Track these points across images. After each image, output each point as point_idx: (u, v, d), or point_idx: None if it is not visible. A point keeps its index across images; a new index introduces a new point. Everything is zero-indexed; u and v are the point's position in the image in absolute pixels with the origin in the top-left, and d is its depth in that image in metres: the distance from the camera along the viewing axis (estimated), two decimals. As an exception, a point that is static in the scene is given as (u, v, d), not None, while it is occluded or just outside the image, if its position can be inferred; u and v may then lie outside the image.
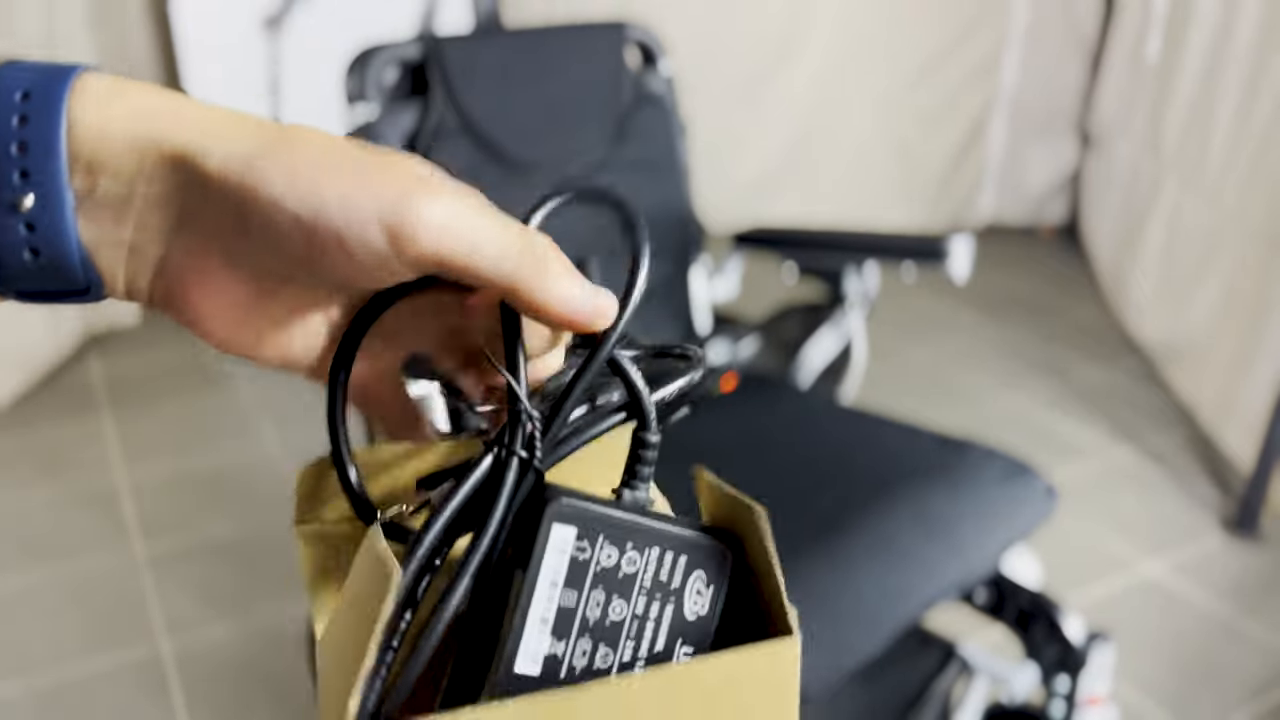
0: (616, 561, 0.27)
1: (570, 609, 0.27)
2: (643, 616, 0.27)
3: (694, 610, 0.28)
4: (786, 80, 3.18)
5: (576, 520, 0.27)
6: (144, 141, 0.26)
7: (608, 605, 0.27)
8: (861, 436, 1.10)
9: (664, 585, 0.27)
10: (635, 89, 1.26)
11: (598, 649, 0.27)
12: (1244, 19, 2.13)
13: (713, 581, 0.28)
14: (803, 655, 0.28)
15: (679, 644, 0.28)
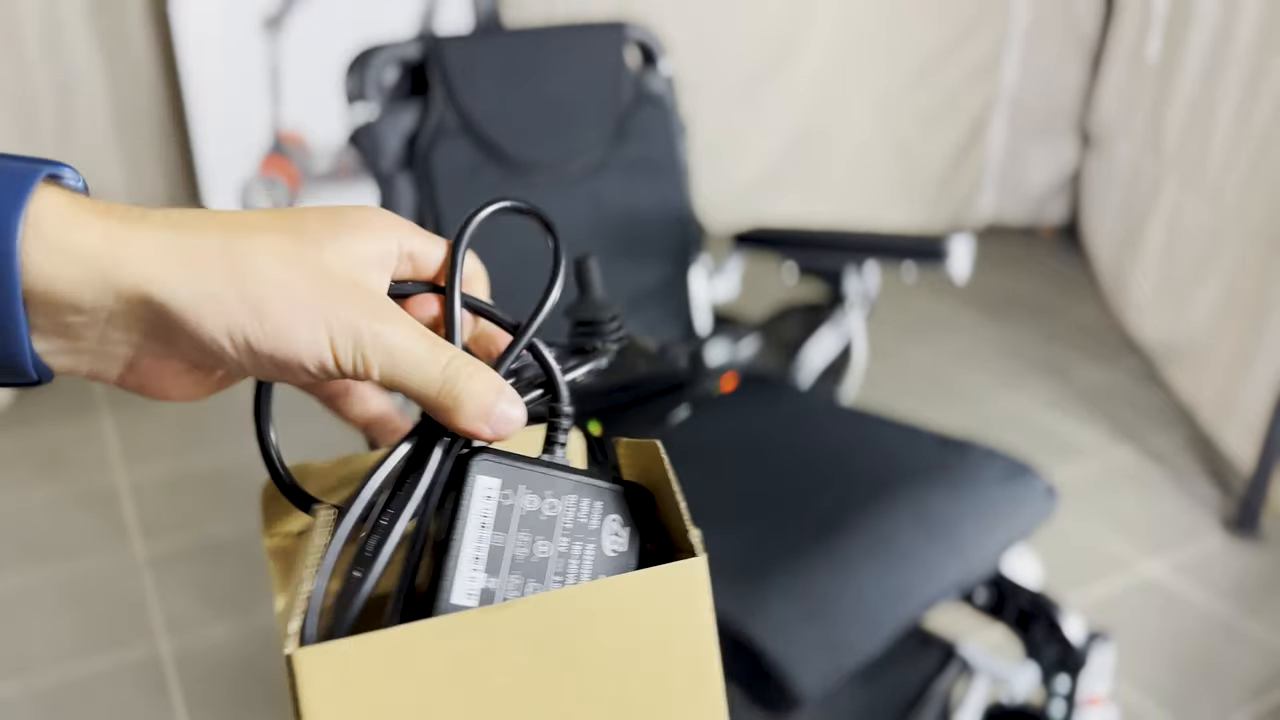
0: (538, 507, 0.30)
1: (500, 548, 0.30)
2: (566, 554, 0.31)
3: (613, 548, 0.31)
4: (786, 80, 3.18)
5: (499, 472, 0.30)
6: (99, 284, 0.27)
7: (533, 545, 0.30)
8: (861, 436, 1.10)
9: (583, 527, 0.31)
10: (635, 89, 1.26)
11: (527, 583, 0.30)
12: (1244, 19, 2.13)
13: (628, 523, 0.32)
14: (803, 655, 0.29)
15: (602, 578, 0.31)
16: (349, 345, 0.28)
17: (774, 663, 0.78)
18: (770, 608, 0.82)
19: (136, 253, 0.27)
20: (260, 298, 0.27)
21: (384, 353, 0.29)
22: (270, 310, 0.28)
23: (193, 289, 0.27)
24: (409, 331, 0.29)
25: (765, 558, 0.88)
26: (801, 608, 0.83)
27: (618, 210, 1.23)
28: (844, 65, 3.19)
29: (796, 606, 0.83)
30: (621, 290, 1.23)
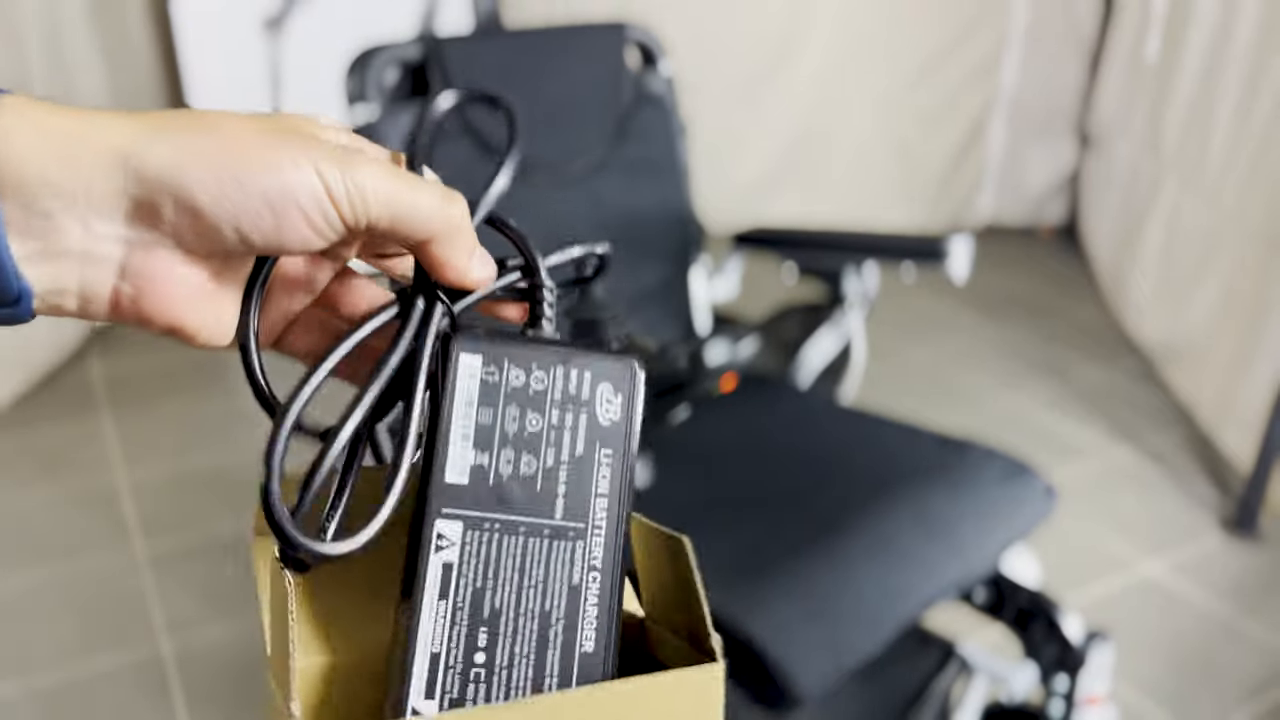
0: (525, 381, 0.30)
1: (489, 425, 0.29)
2: (559, 426, 0.30)
3: (607, 417, 0.30)
4: (786, 80, 3.18)
5: (481, 348, 0.30)
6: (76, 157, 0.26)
7: (524, 419, 0.30)
8: (861, 436, 1.10)
9: (574, 397, 0.30)
10: (635, 89, 1.26)
11: (521, 457, 0.30)
12: (1243, 19, 2.13)
13: (620, 389, 0.30)
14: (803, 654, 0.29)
15: (598, 447, 0.30)
16: (338, 178, 0.27)
17: (774, 662, 0.78)
18: (770, 607, 0.82)
19: (109, 125, 0.26)
20: (238, 140, 0.27)
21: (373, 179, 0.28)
22: (250, 148, 0.27)
23: (170, 143, 0.26)
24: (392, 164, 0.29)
25: (765, 557, 0.88)
26: (801, 607, 0.83)
27: (618, 210, 1.24)
28: (844, 65, 3.19)
29: (796, 606, 0.83)
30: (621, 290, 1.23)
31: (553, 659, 0.29)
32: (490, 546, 0.29)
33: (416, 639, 0.29)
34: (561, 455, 0.30)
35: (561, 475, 0.30)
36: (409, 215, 0.29)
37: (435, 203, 0.29)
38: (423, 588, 0.29)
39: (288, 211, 0.27)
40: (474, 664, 0.29)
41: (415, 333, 0.30)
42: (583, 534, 0.30)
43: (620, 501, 0.30)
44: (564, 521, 0.30)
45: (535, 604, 0.29)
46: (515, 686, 0.29)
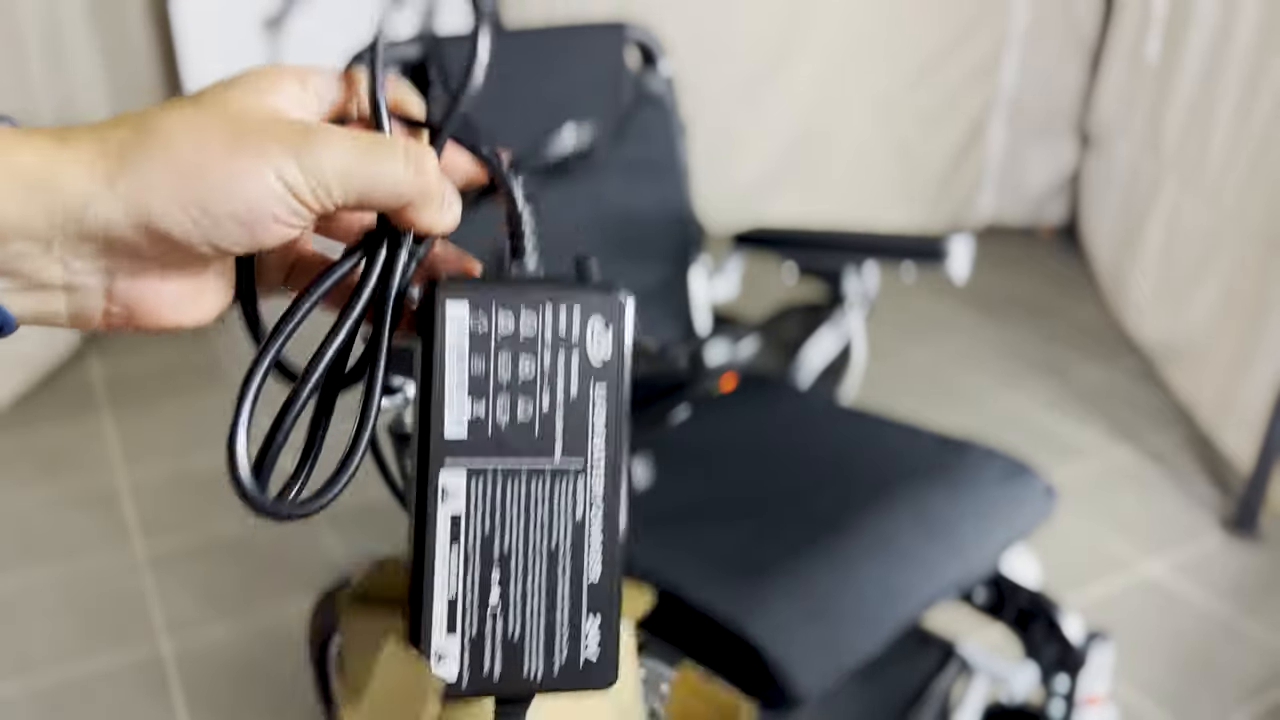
0: (514, 326, 0.30)
1: (481, 375, 0.30)
2: (551, 369, 0.30)
3: (599, 355, 0.30)
4: (786, 80, 3.18)
5: (466, 294, 0.30)
6: (45, 207, 0.26)
7: (516, 366, 0.30)
8: (861, 436, 1.10)
9: (564, 338, 0.30)
10: (635, 89, 1.26)
11: (516, 404, 0.30)
12: (1243, 20, 2.13)
13: (610, 323, 0.31)
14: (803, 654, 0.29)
15: (591, 385, 0.30)
16: (296, 172, 0.27)
17: (774, 662, 0.78)
18: (770, 607, 0.82)
19: (71, 163, 0.26)
20: (192, 162, 0.26)
21: (333, 159, 0.27)
22: (207, 167, 0.26)
23: (129, 180, 0.26)
24: (348, 134, 0.28)
25: (765, 557, 0.88)
26: (801, 607, 0.83)
27: (618, 210, 1.24)
28: (844, 65, 3.19)
29: (796, 606, 0.83)
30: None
31: (563, 591, 0.30)
32: (494, 493, 0.30)
33: (433, 587, 0.30)
34: (557, 397, 0.30)
35: (558, 417, 0.30)
36: (375, 190, 0.29)
37: (400, 172, 0.29)
38: (433, 539, 0.30)
39: (257, 221, 0.27)
40: (489, 604, 0.30)
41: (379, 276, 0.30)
42: (583, 471, 0.30)
43: (617, 434, 0.30)
44: (564, 462, 0.30)
45: (542, 543, 0.30)
46: (529, 619, 0.30)
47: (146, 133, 0.27)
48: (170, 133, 0.27)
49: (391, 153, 0.29)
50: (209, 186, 0.27)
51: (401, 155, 0.29)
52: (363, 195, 0.28)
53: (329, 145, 0.28)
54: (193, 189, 0.26)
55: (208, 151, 0.27)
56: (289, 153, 0.27)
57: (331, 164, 0.27)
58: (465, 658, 0.30)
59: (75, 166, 0.26)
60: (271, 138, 0.27)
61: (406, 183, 0.29)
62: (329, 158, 0.27)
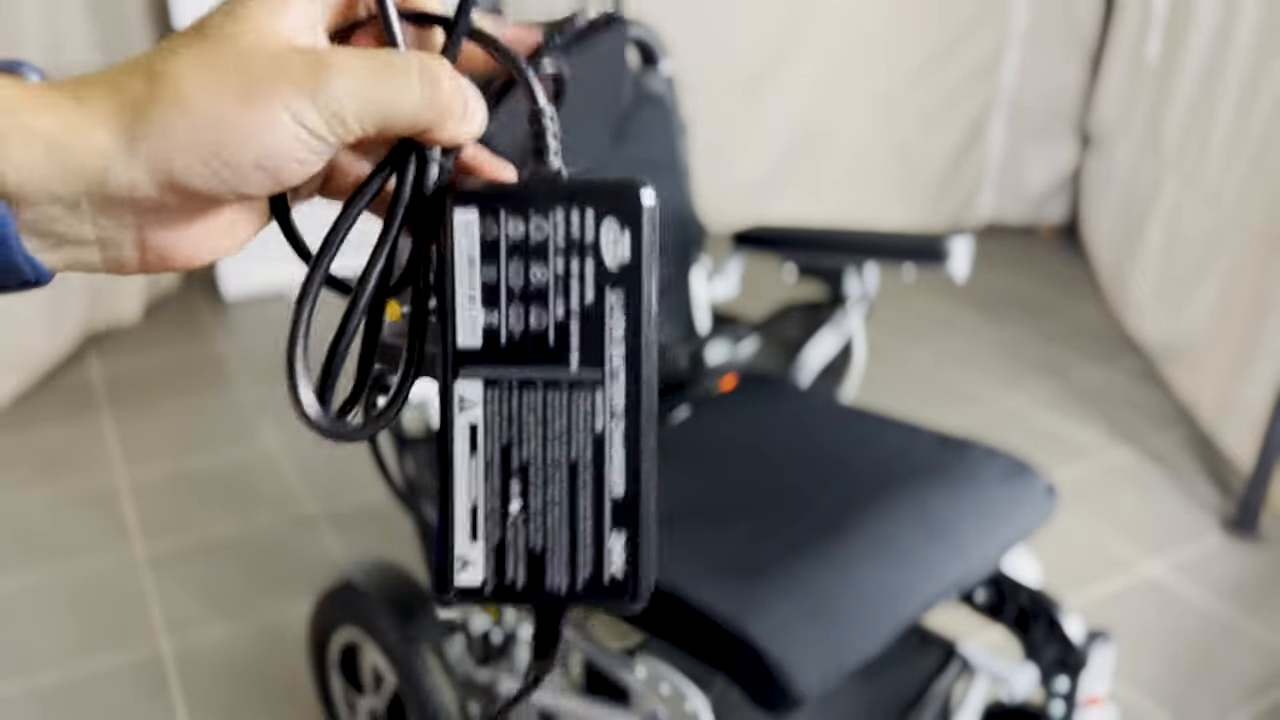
0: (524, 231, 0.29)
1: (493, 283, 0.29)
2: (565, 275, 0.29)
3: (616, 258, 0.29)
4: (786, 80, 3.18)
5: (475, 201, 0.29)
6: (67, 174, 0.26)
7: (528, 272, 0.29)
8: (861, 436, 1.10)
9: (578, 242, 0.29)
10: (635, 89, 1.26)
11: (530, 311, 0.29)
12: (1244, 20, 2.13)
13: (627, 224, 0.29)
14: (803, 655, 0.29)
15: (608, 291, 0.29)
16: (309, 109, 0.27)
17: (774, 663, 0.78)
18: (770, 607, 0.82)
19: (90, 128, 0.26)
20: (208, 117, 0.26)
21: (348, 92, 0.27)
22: (223, 121, 0.26)
23: (149, 142, 0.26)
24: (360, 60, 0.28)
25: (765, 557, 0.88)
26: (801, 607, 0.83)
27: (618, 210, 1.23)
28: (844, 65, 3.19)
29: (796, 606, 0.83)
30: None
31: (584, 505, 0.30)
32: (511, 403, 0.30)
33: (455, 494, 0.30)
34: (571, 305, 0.29)
35: (574, 326, 0.29)
36: (392, 118, 0.28)
37: (417, 96, 0.28)
38: (453, 447, 0.30)
39: (279, 165, 0.27)
40: (509, 512, 0.30)
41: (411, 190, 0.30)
42: (601, 382, 0.30)
43: (641, 345, 0.30)
44: (580, 372, 0.29)
45: (561, 454, 0.30)
46: (552, 532, 0.30)
47: (159, 85, 0.26)
48: (183, 85, 0.26)
49: (405, 77, 0.28)
50: (227, 140, 0.26)
51: (416, 77, 0.28)
52: (381, 124, 0.28)
53: (342, 77, 0.27)
54: (211, 144, 0.26)
55: (222, 103, 0.26)
56: (303, 93, 0.27)
57: (347, 97, 0.27)
58: (489, 566, 0.30)
59: (93, 130, 0.26)
60: (284, 78, 0.27)
61: (423, 106, 0.28)
62: (343, 91, 0.27)
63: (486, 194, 0.29)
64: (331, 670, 1.24)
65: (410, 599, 1.09)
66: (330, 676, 1.24)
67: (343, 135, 0.28)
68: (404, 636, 1.05)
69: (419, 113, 0.28)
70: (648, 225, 0.29)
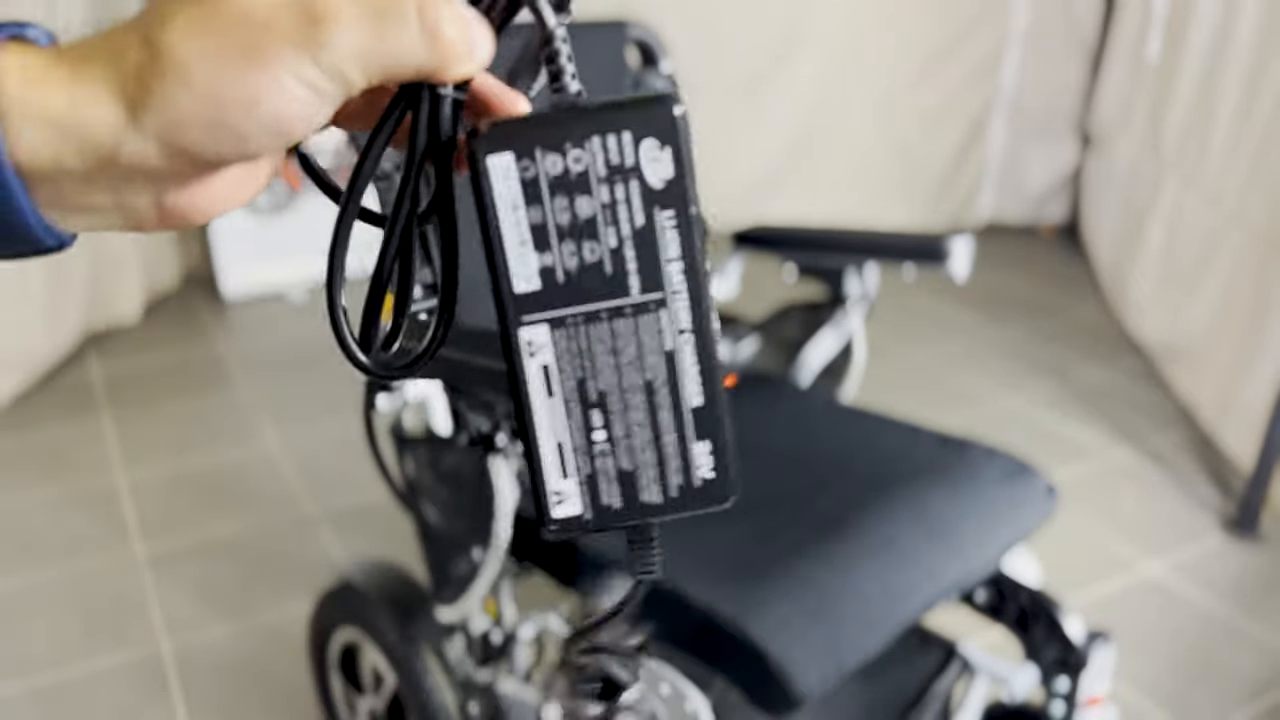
0: (564, 165, 0.28)
1: (541, 223, 0.29)
2: (611, 203, 0.29)
3: (659, 177, 0.29)
4: (786, 80, 3.18)
5: (506, 143, 0.28)
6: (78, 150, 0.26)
7: (574, 206, 0.29)
8: (861, 436, 1.10)
9: (619, 167, 0.29)
10: (636, 88, 1.26)
11: (583, 246, 0.29)
12: (1244, 20, 2.13)
13: (667, 141, 0.29)
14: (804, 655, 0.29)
15: (657, 211, 0.30)
16: (310, 68, 0.26)
17: (775, 663, 0.78)
18: (770, 607, 0.82)
19: (96, 105, 0.26)
20: (210, 87, 0.26)
21: (347, 48, 0.26)
22: (225, 90, 0.26)
23: (154, 117, 0.26)
24: (355, 9, 0.27)
25: (765, 557, 0.88)
26: (802, 607, 0.83)
27: (618, 210, 1.23)
28: (844, 65, 3.19)
29: (796, 606, 0.83)
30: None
31: (666, 421, 0.30)
32: (579, 340, 0.30)
33: (539, 439, 0.30)
34: (622, 231, 0.29)
35: (628, 252, 0.29)
36: (395, 67, 0.28)
37: (418, 44, 0.27)
38: (527, 393, 0.30)
39: (287, 126, 0.27)
40: (594, 442, 0.30)
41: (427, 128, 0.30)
42: (664, 303, 0.30)
43: (695, 258, 0.30)
44: (643, 296, 0.30)
45: (636, 377, 0.30)
46: (638, 452, 0.31)
47: (157, 55, 0.26)
48: (179, 54, 0.26)
49: (404, 22, 0.27)
50: (231, 107, 0.26)
51: (415, 21, 0.27)
52: (384, 75, 0.28)
53: (340, 30, 0.26)
54: (216, 113, 0.26)
55: (222, 71, 0.26)
56: (302, 52, 0.26)
57: (347, 51, 0.26)
58: (584, 496, 0.31)
59: (98, 106, 0.26)
60: (281, 38, 0.26)
61: (425, 53, 0.28)
62: (343, 45, 0.26)
63: (518, 134, 0.28)
64: (331, 670, 1.24)
65: (410, 599, 1.09)
66: (330, 676, 1.24)
67: (347, 89, 0.27)
68: (404, 636, 1.05)
69: (422, 60, 0.28)
70: (685, 138, 0.29)
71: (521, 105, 0.32)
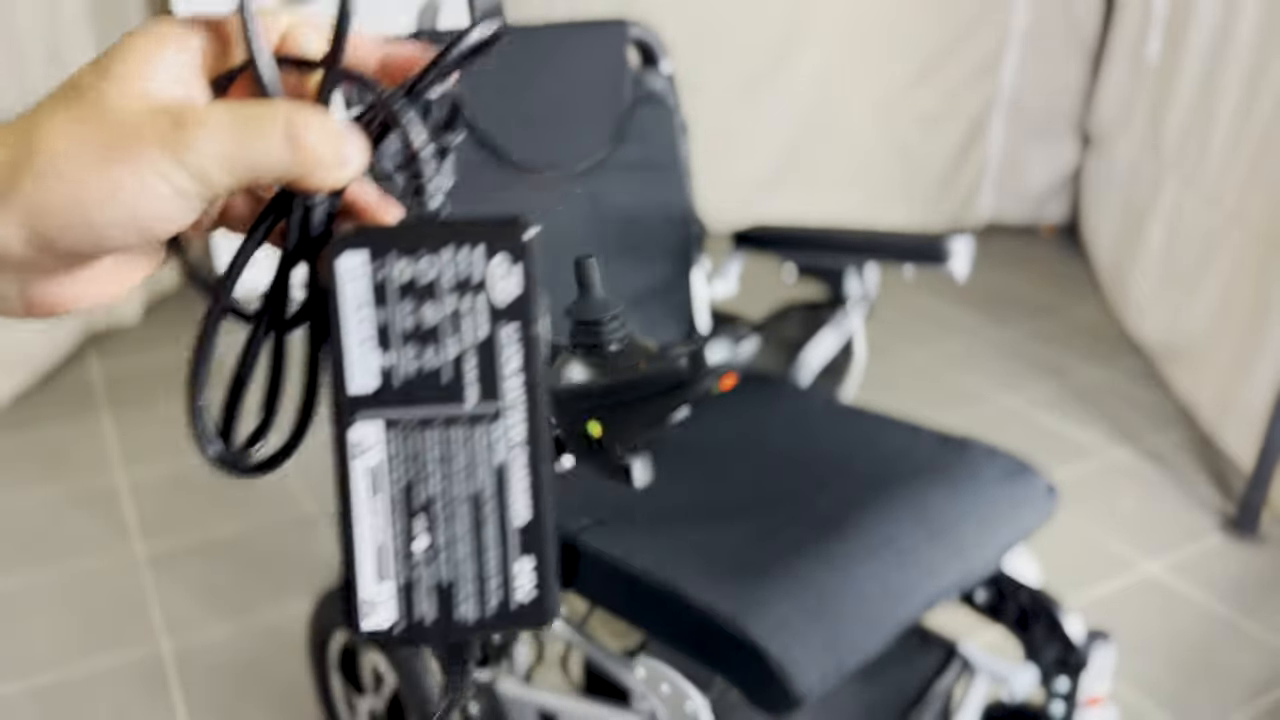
0: (414, 271, 0.29)
1: (385, 324, 0.29)
2: (457, 313, 0.29)
3: (506, 293, 0.29)
4: (786, 80, 3.18)
5: (360, 246, 0.29)
6: None
7: (420, 312, 0.29)
8: (862, 436, 1.10)
9: (467, 280, 0.29)
10: (636, 88, 1.26)
11: (425, 351, 0.29)
12: (1244, 20, 2.13)
13: (516, 260, 0.29)
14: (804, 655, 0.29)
15: (501, 326, 0.30)
16: (175, 169, 0.27)
17: (775, 663, 0.78)
18: (770, 607, 0.82)
19: None
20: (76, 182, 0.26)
21: (212, 152, 0.27)
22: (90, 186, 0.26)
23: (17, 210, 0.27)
24: (224, 115, 0.27)
25: (765, 557, 0.88)
26: (801, 607, 0.83)
27: (618, 210, 1.24)
28: (844, 65, 3.19)
29: (796, 606, 0.83)
30: (622, 290, 1.23)
31: (490, 535, 0.30)
32: (411, 444, 0.30)
33: (359, 538, 0.30)
34: (464, 342, 0.29)
35: (469, 362, 0.30)
36: (259, 171, 0.28)
37: (282, 153, 0.28)
38: (351, 491, 0.30)
39: (151, 224, 0.28)
40: (415, 550, 0.30)
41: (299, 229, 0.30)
42: (500, 415, 0.30)
43: (535, 374, 0.30)
44: (479, 407, 0.30)
45: (464, 489, 0.30)
46: (459, 565, 0.30)
47: (31, 148, 0.27)
48: (52, 147, 0.27)
49: (270, 129, 0.28)
50: (95, 203, 0.27)
51: (280, 130, 0.28)
52: (248, 179, 0.28)
53: (205, 134, 0.27)
54: (79, 207, 0.27)
55: (88, 167, 0.27)
56: (166, 153, 0.27)
57: (211, 154, 0.27)
58: (399, 604, 0.30)
59: None
60: (147, 139, 0.27)
61: (289, 161, 0.28)
62: (207, 149, 0.27)
63: (374, 239, 0.29)
64: (331, 670, 1.24)
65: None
66: (330, 676, 1.24)
67: (211, 191, 0.28)
68: (404, 636, 1.05)
69: (286, 167, 0.28)
70: (534, 258, 0.30)
71: (392, 215, 0.33)
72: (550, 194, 1.18)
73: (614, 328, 0.69)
